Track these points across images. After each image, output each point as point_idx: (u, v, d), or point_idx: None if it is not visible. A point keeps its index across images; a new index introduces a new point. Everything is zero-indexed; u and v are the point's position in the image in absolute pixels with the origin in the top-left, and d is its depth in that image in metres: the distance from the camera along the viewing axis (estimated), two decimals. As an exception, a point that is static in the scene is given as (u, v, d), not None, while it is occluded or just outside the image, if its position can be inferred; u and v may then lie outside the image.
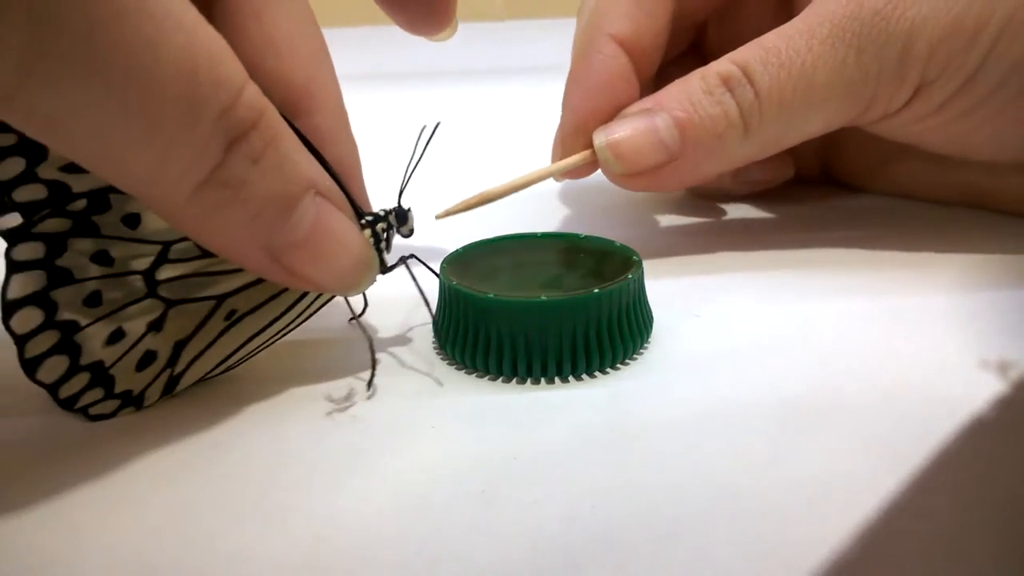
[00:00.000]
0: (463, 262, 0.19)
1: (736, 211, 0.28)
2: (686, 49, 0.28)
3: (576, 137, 0.23)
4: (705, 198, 0.29)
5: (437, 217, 0.19)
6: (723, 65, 0.21)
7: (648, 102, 0.22)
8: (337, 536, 0.13)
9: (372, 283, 0.16)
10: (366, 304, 0.20)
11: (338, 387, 0.17)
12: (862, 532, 0.12)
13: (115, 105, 0.11)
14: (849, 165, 0.29)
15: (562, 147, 0.23)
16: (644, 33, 0.23)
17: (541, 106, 0.29)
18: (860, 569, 0.12)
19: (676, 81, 0.22)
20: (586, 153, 0.23)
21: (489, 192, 0.20)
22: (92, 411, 0.16)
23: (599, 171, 0.23)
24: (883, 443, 0.14)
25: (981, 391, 0.16)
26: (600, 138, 0.22)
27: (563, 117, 0.24)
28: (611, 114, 0.23)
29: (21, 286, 0.15)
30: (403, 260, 0.18)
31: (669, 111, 0.21)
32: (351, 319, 0.20)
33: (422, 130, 0.18)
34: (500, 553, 0.12)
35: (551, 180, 0.23)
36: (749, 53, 0.21)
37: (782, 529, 0.13)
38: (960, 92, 0.20)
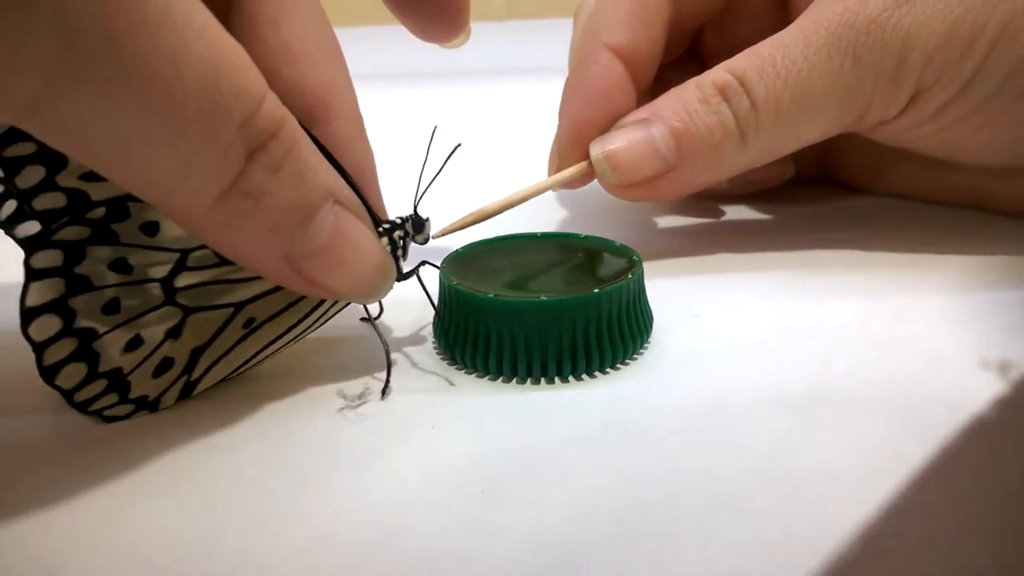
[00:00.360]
0: (463, 262, 0.18)
1: (736, 211, 0.27)
2: (684, 52, 0.27)
3: (572, 148, 0.22)
4: (705, 198, 0.28)
5: (434, 236, 0.19)
6: (719, 74, 0.20)
7: (644, 112, 0.21)
8: (337, 536, 0.12)
9: (389, 291, 0.15)
10: (381, 308, 0.19)
11: (349, 388, 0.17)
12: (862, 531, 0.12)
13: (138, 115, 0.11)
14: (849, 168, 0.28)
15: (559, 158, 0.22)
16: (640, 42, 0.22)
17: (541, 106, 0.28)
18: (860, 568, 0.11)
19: (672, 90, 0.21)
20: (583, 165, 0.22)
21: (485, 209, 0.20)
22: (107, 413, 0.15)
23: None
24: (883, 442, 0.14)
25: (981, 391, 0.15)
26: (596, 149, 0.21)
27: (559, 128, 0.23)
28: (607, 125, 0.22)
29: (40, 294, 0.14)
30: (418, 267, 0.18)
31: (665, 121, 0.20)
32: (363, 318, 0.20)
33: (433, 132, 0.17)
34: (500, 553, 0.12)
35: None
36: (745, 62, 0.20)
37: (782, 528, 0.12)
38: (956, 98, 0.20)
